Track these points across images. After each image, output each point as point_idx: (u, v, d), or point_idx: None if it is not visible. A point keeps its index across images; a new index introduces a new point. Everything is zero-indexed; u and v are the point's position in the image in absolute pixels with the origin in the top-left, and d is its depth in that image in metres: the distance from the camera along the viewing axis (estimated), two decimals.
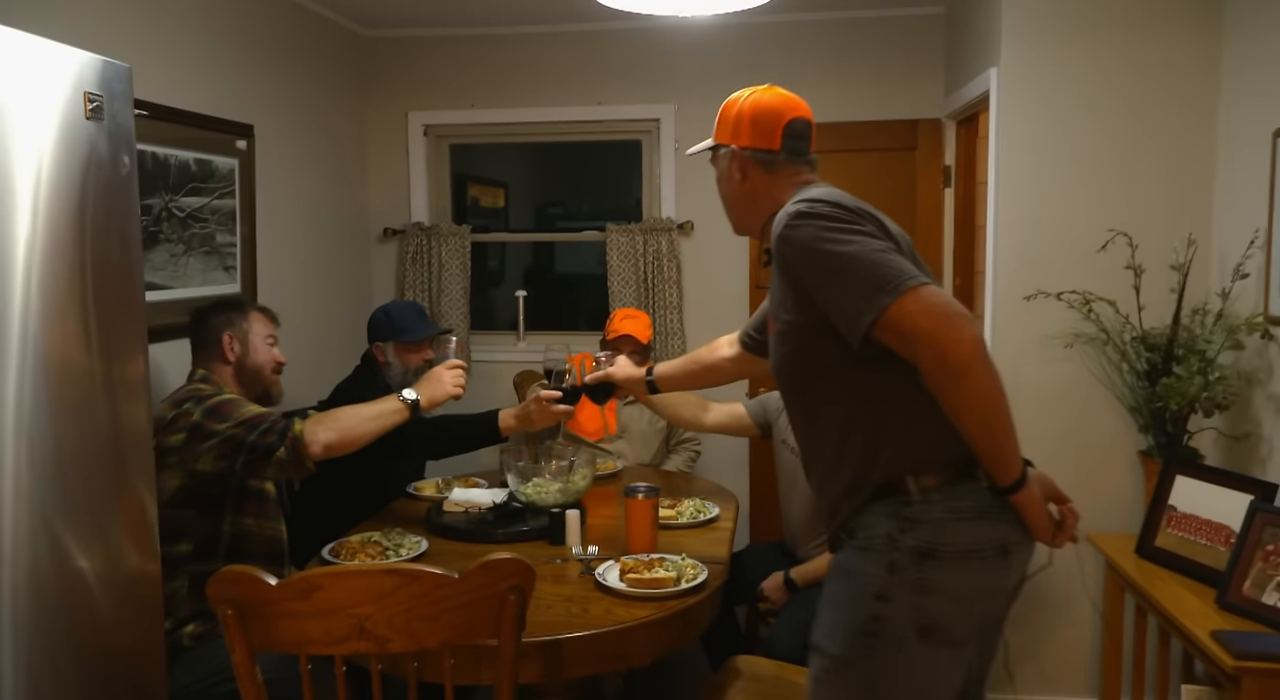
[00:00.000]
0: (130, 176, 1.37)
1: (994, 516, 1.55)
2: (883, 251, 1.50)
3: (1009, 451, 1.50)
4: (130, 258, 1.40)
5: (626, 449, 3.62)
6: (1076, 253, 3.00)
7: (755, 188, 1.81)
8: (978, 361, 1.43)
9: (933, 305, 1.44)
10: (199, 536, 2.34)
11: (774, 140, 1.79)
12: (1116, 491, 3.03)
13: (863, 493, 1.61)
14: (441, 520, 2.78)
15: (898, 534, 1.56)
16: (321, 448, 2.28)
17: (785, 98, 1.84)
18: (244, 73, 3.33)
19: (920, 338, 1.44)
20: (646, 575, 2.28)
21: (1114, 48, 2.97)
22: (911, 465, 1.57)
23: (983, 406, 1.45)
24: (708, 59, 4.08)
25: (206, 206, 3.06)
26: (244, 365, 2.51)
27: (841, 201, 1.59)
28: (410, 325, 3.19)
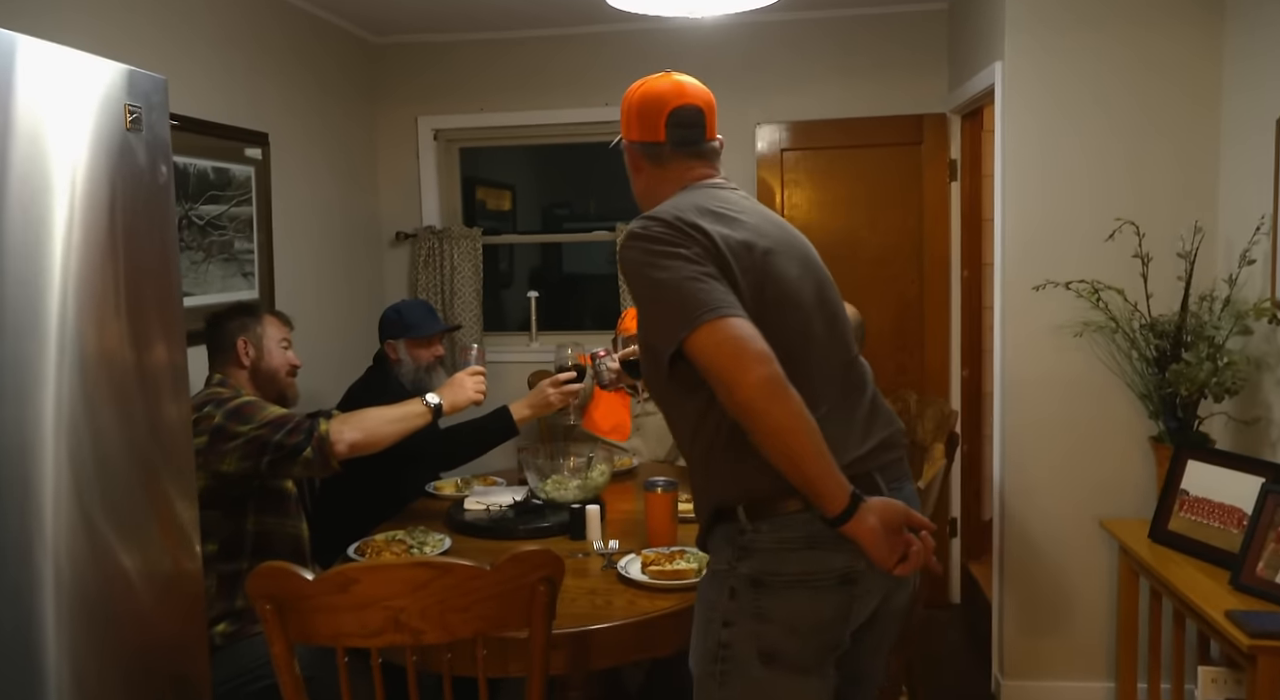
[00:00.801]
0: (168, 185, 1.42)
1: (827, 547, 1.53)
2: (693, 278, 1.47)
3: (822, 486, 1.46)
4: (169, 262, 1.44)
5: (641, 446, 3.66)
6: (1084, 242, 3.03)
7: (650, 182, 1.75)
8: (764, 402, 1.41)
9: (724, 341, 1.43)
10: (224, 536, 2.39)
11: (658, 131, 1.70)
12: (1128, 477, 3.06)
13: (705, 515, 1.64)
14: (463, 518, 2.82)
15: (735, 561, 1.57)
16: (347, 447, 2.33)
17: (675, 84, 1.73)
18: (258, 82, 3.38)
19: (710, 372, 1.44)
20: (668, 567, 2.32)
21: (1117, 40, 3.00)
22: (741, 494, 1.57)
23: (779, 443, 1.44)
24: (715, 59, 4.12)
25: (224, 214, 3.11)
26: (259, 369, 2.55)
27: (679, 218, 1.54)
28: (420, 321, 3.25)
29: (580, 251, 5.93)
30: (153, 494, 1.55)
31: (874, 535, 1.49)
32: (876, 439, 1.63)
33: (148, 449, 1.53)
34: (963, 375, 4.05)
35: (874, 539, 1.49)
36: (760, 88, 4.12)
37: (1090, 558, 3.13)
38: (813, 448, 1.45)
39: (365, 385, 3.32)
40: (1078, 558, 3.14)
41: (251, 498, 2.42)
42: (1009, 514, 3.19)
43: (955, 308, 4.05)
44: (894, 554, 1.51)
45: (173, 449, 1.61)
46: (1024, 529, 3.18)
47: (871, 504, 1.50)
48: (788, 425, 1.43)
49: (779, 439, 1.44)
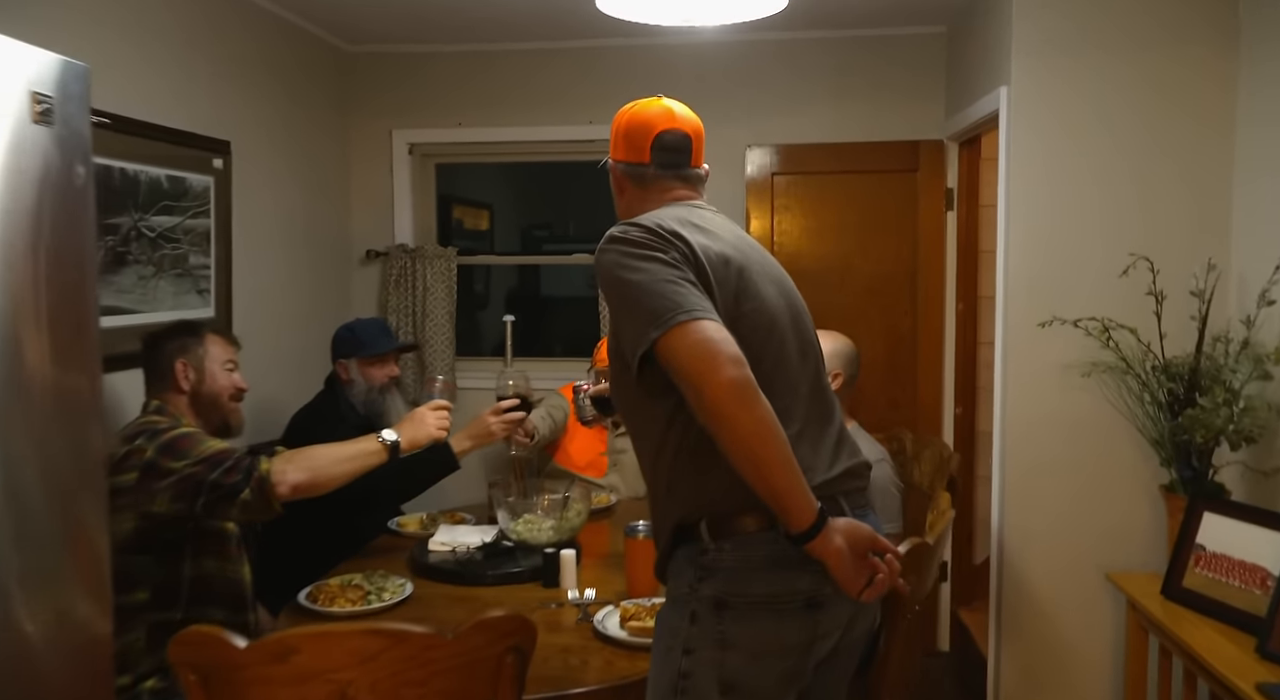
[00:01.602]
0: (86, 189, 1.22)
1: (793, 567, 1.48)
2: (669, 281, 1.44)
3: (790, 498, 1.41)
4: (85, 277, 1.23)
5: (619, 482, 3.47)
6: (1092, 277, 2.88)
7: (631, 203, 1.74)
8: (733, 405, 1.37)
9: (696, 342, 1.39)
10: (156, 583, 2.16)
11: (643, 153, 1.71)
12: (1136, 527, 2.90)
13: (665, 536, 1.58)
14: (427, 560, 2.61)
15: (696, 583, 1.52)
16: (290, 489, 2.10)
17: (665, 109, 1.74)
18: (221, 87, 3.17)
19: (680, 374, 1.40)
20: (649, 623, 2.12)
21: (1127, 65, 2.87)
22: (705, 509, 1.52)
23: (747, 450, 1.39)
24: (705, 78, 3.97)
25: (179, 226, 2.90)
26: (200, 394, 2.33)
27: (659, 225, 1.52)
28: (373, 339, 3.08)
29: (559, 274, 5.74)
30: (64, 538, 1.34)
31: (840, 556, 1.44)
32: (843, 466, 1.60)
33: (64, 482, 1.32)
34: (956, 412, 3.89)
35: (840, 560, 1.44)
36: (751, 109, 3.97)
37: (1094, 610, 2.95)
38: (781, 456, 1.41)
39: (311, 412, 3.11)
40: (1081, 610, 2.96)
41: (188, 540, 2.20)
42: (1008, 560, 3.01)
43: (949, 342, 3.89)
44: (860, 577, 1.47)
45: (89, 484, 1.40)
46: (1023, 577, 3.00)
47: (837, 524, 1.46)
48: (757, 431, 1.39)
49: (747, 445, 1.39)
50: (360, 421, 3.05)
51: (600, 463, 3.47)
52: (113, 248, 2.60)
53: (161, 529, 2.11)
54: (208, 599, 2.23)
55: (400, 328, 4.10)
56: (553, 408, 3.42)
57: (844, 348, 2.75)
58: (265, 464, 2.09)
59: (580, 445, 3.45)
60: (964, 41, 3.61)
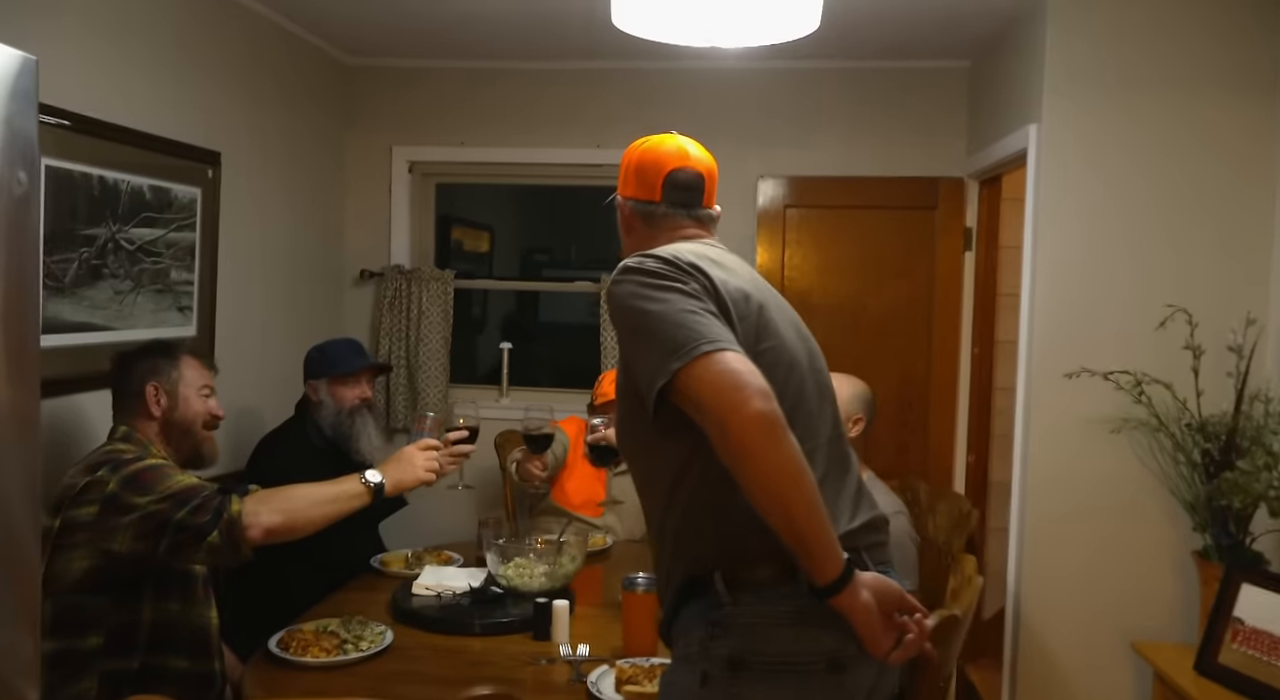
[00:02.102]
0: (29, 198, 1.06)
1: (817, 624, 1.37)
2: (690, 311, 1.37)
3: (817, 544, 1.31)
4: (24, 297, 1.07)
5: (616, 523, 3.29)
6: (1121, 327, 2.75)
7: (639, 241, 1.67)
8: (762, 441, 1.27)
9: (721, 373, 1.30)
10: (112, 627, 1.97)
11: (654, 191, 1.65)
12: (1163, 593, 2.74)
13: (674, 586, 1.48)
14: (409, 605, 2.43)
15: (709, 640, 1.40)
16: (262, 533, 1.93)
17: (678, 147, 1.68)
18: (213, 95, 3.03)
19: (705, 407, 1.30)
20: (647, 688, 1.95)
21: (1163, 107, 2.75)
22: (721, 560, 1.42)
23: (774, 490, 1.29)
24: (716, 104, 3.84)
25: (161, 239, 2.74)
26: (171, 421, 2.16)
27: (677, 257, 1.46)
28: (344, 358, 2.93)
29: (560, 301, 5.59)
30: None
31: (868, 612, 1.33)
32: (864, 518, 1.50)
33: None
34: (968, 460, 3.72)
35: (868, 617, 1.33)
36: (765, 139, 3.83)
37: (1116, 678, 2.78)
38: (810, 498, 1.30)
39: (277, 438, 2.94)
40: (1101, 677, 2.79)
41: (149, 581, 2.01)
42: (1024, 619, 2.85)
43: (964, 387, 3.74)
44: (888, 637, 1.35)
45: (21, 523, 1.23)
46: (1041, 637, 2.83)
47: (864, 578, 1.35)
48: (786, 469, 1.28)
49: (775, 484, 1.28)
50: (328, 446, 2.89)
51: (597, 503, 3.30)
52: (87, 260, 2.44)
53: (121, 568, 1.93)
54: (169, 646, 2.05)
55: (392, 352, 3.94)
56: (555, 443, 3.25)
57: (863, 391, 2.60)
58: (236, 504, 1.92)
59: (578, 483, 3.28)
60: (989, 77, 3.48)
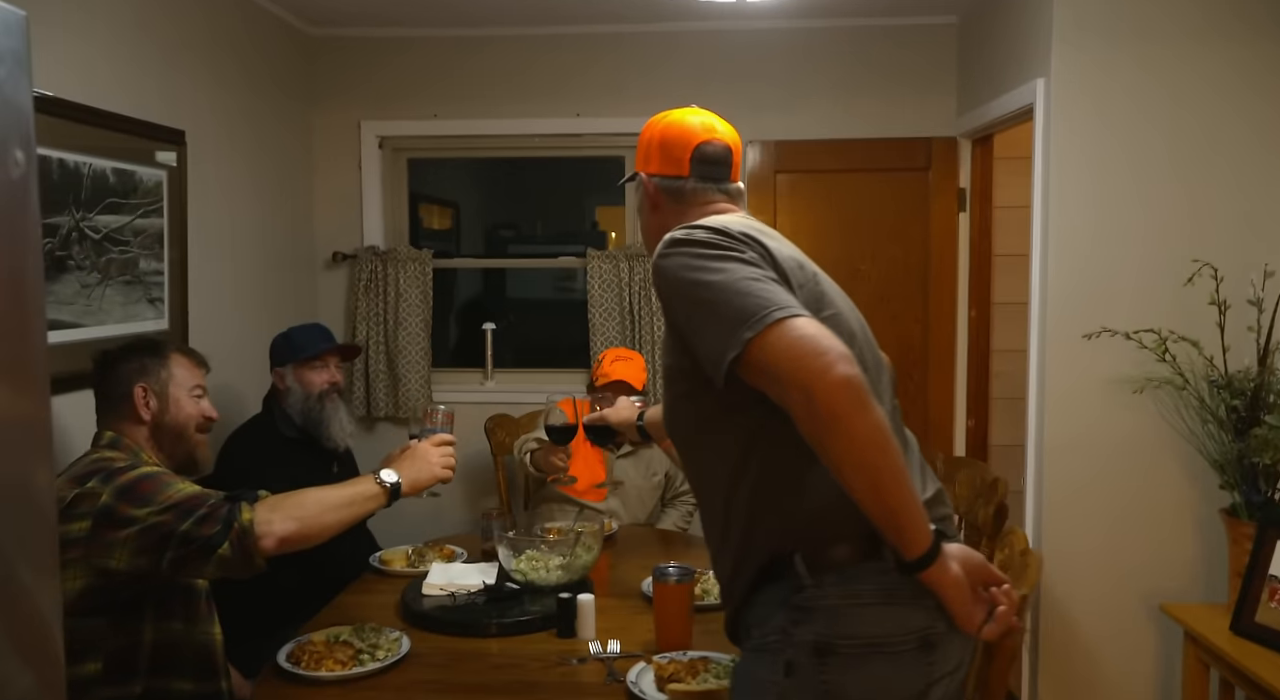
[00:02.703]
0: (26, 180, 0.90)
1: (905, 602, 1.31)
2: (755, 279, 1.31)
3: (906, 516, 1.25)
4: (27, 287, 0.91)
5: (620, 507, 3.18)
6: (1139, 285, 2.68)
7: (665, 218, 1.59)
8: (849, 406, 1.20)
9: (799, 339, 1.23)
10: (111, 652, 1.81)
11: (682, 165, 1.59)
12: (1188, 555, 2.71)
13: (748, 573, 1.40)
14: (421, 607, 2.30)
15: (791, 627, 1.33)
16: (276, 542, 1.77)
17: (704, 121, 1.63)
18: (173, 71, 2.81)
19: (783, 376, 1.23)
20: (694, 686, 1.84)
21: (1176, 58, 2.67)
22: (800, 540, 1.35)
23: (863, 460, 1.22)
24: (702, 68, 3.70)
25: (128, 226, 2.54)
26: (162, 425, 2.00)
27: (727, 228, 1.40)
28: (309, 341, 2.80)
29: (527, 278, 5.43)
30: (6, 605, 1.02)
31: (959, 586, 1.28)
32: (933, 490, 1.45)
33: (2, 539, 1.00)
34: (968, 425, 3.67)
35: (959, 591, 1.28)
36: (753, 103, 3.70)
37: (1140, 643, 2.75)
38: (898, 466, 1.23)
39: (245, 434, 2.78)
40: (1125, 642, 2.75)
41: (149, 599, 1.85)
42: (1044, 586, 2.79)
43: (961, 350, 3.68)
44: (980, 610, 1.31)
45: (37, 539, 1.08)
46: (1062, 605, 2.78)
47: (952, 549, 1.30)
48: (874, 437, 1.21)
49: (863, 453, 1.21)
50: (299, 435, 2.76)
51: (601, 487, 3.18)
52: (51, 252, 2.25)
53: (120, 587, 1.77)
54: (172, 667, 1.89)
55: (370, 337, 3.77)
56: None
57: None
58: (247, 513, 1.76)
59: (579, 467, 3.15)
60: (982, 33, 3.38)
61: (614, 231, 5.34)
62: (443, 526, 3.69)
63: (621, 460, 3.20)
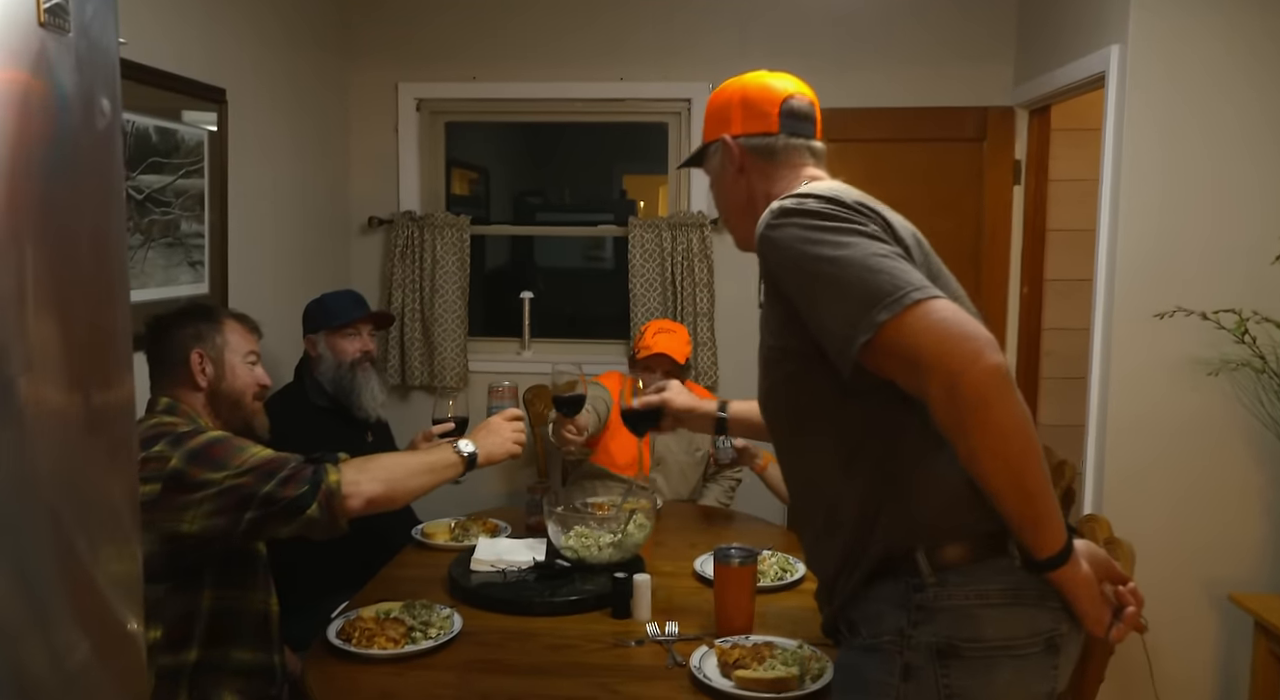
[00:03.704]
0: (111, 131, 0.82)
1: (1032, 602, 1.25)
2: (883, 256, 1.23)
3: (1045, 511, 1.19)
4: (110, 251, 0.84)
5: (663, 483, 3.11)
6: (1213, 263, 2.59)
7: (753, 183, 1.53)
8: (998, 392, 1.14)
9: (942, 321, 1.16)
10: (170, 618, 1.78)
11: (770, 121, 1.51)
12: (1253, 541, 2.62)
13: (860, 569, 1.32)
14: (469, 583, 2.24)
15: (909, 628, 1.26)
16: (364, 502, 1.78)
17: (785, 78, 1.58)
18: (214, 26, 2.73)
19: (925, 362, 1.16)
20: (762, 674, 1.78)
21: (1258, 27, 2.55)
22: (923, 535, 1.27)
23: (1007, 450, 1.16)
24: (747, 33, 3.58)
25: (170, 187, 2.47)
26: (219, 392, 1.97)
27: (840, 196, 1.32)
28: (343, 309, 2.74)
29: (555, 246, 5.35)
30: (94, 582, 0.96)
31: (1090, 586, 1.23)
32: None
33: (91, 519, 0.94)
34: None
35: (1090, 591, 1.23)
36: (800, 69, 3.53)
37: (1202, 632, 2.68)
38: (1041, 458, 1.17)
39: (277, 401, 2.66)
40: (1188, 631, 2.68)
41: (209, 566, 1.82)
42: None
43: (1013, 328, 3.58)
44: (1107, 610, 1.25)
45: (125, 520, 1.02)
46: None
47: (1083, 545, 1.25)
48: (1021, 428, 1.15)
49: (1009, 445, 1.15)
50: (330, 404, 2.71)
51: (643, 463, 3.11)
52: None
53: (184, 553, 1.74)
54: (229, 636, 1.86)
55: (405, 305, 3.69)
56: (594, 399, 3.04)
57: None
58: (334, 474, 1.76)
59: (621, 443, 3.09)
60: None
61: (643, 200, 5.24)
62: (481, 499, 3.64)
63: (664, 435, 3.13)
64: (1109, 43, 2.70)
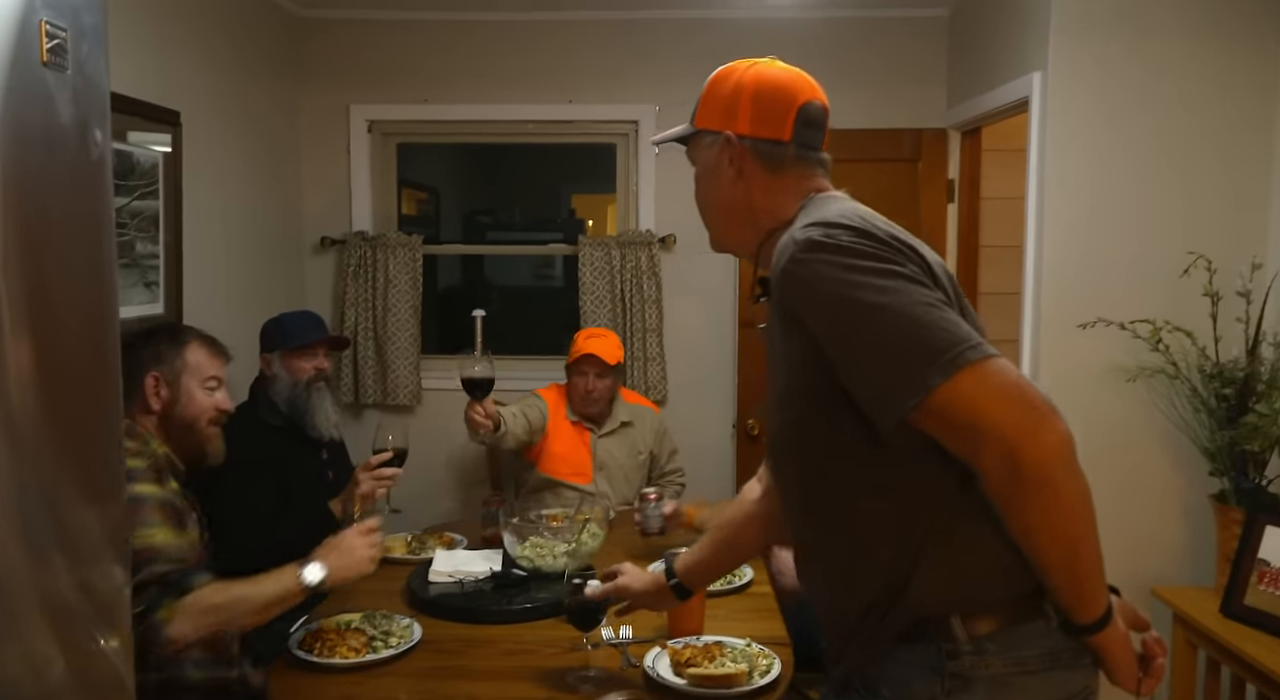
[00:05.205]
0: (103, 161, 0.88)
1: (1068, 664, 1.19)
2: (930, 304, 1.12)
3: (1094, 583, 1.15)
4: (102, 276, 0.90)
5: (607, 487, 3.19)
6: (1133, 276, 2.74)
7: (752, 191, 1.38)
8: (1064, 470, 1.08)
9: (1004, 387, 1.07)
10: None
11: (783, 128, 1.36)
12: (1176, 540, 2.77)
13: (886, 630, 1.21)
14: (428, 594, 2.30)
15: (943, 696, 1.18)
16: (180, 646, 1.75)
17: (801, 76, 1.41)
18: (166, 49, 2.76)
19: (984, 431, 1.07)
20: (713, 670, 1.86)
21: (1171, 52, 2.72)
22: (958, 601, 1.18)
23: (1066, 530, 1.10)
24: (693, 56, 3.67)
25: (125, 208, 2.50)
26: (172, 416, 1.97)
27: (870, 228, 1.19)
28: (300, 330, 2.76)
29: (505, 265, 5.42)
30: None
31: (1125, 646, 1.20)
32: None
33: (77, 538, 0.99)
34: None
35: (1125, 650, 1.20)
36: None
37: None
38: (1096, 534, 1.13)
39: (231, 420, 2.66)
40: None
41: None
42: None
43: None
44: (1136, 666, 1.23)
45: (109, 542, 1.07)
46: None
47: (1117, 603, 1.21)
48: (1080, 505, 1.10)
49: (1067, 523, 1.10)
50: (283, 423, 2.72)
51: (586, 469, 3.19)
52: None
53: None
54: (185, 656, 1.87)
55: (359, 323, 3.73)
56: (528, 407, 3.13)
57: None
58: (165, 612, 1.73)
59: (564, 450, 3.17)
60: (973, 26, 3.42)
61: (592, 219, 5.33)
62: (436, 513, 3.69)
63: (604, 439, 3.22)
64: (1031, 69, 2.85)
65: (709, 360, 3.79)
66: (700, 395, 3.80)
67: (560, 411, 3.21)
